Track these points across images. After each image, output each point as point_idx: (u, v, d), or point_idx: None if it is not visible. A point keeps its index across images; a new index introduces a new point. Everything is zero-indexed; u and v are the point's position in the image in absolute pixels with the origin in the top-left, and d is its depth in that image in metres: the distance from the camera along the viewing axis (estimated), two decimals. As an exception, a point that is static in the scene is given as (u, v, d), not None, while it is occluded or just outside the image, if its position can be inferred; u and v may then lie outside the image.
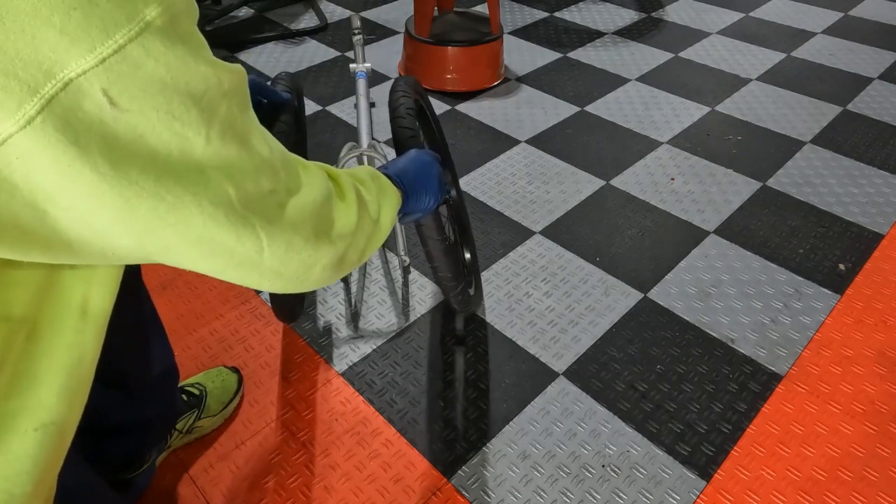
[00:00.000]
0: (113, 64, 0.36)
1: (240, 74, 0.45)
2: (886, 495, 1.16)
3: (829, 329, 1.48)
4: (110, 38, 0.36)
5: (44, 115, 0.35)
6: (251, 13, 3.08)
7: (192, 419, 1.18)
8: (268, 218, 0.49)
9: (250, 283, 0.53)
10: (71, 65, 0.35)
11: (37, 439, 0.50)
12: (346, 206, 0.63)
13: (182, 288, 1.55)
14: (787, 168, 2.03)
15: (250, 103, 0.49)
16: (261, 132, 0.49)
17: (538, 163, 2.04)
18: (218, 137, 0.43)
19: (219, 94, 0.42)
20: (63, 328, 0.50)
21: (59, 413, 0.51)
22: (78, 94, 0.35)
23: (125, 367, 0.98)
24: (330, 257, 0.58)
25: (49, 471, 0.53)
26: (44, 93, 0.35)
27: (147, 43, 0.37)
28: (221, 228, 0.45)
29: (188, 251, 0.46)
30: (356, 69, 1.47)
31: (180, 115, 0.40)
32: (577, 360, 1.40)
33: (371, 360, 1.39)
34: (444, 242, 1.12)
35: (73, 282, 0.50)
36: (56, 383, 0.50)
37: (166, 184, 0.40)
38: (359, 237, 0.63)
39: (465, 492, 1.16)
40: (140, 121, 0.38)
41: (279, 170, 0.50)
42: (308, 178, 0.56)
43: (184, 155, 0.41)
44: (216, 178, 0.43)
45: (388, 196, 0.75)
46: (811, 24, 3.02)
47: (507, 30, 2.92)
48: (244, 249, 0.48)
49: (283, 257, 0.52)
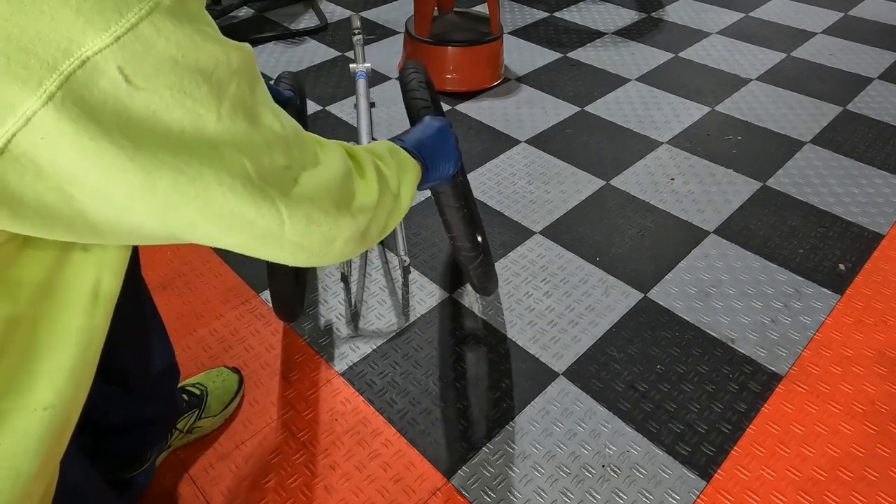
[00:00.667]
0: (127, 42, 0.37)
1: (247, 52, 0.46)
2: (886, 495, 1.16)
3: (829, 329, 1.48)
4: (123, 17, 0.37)
5: (63, 91, 0.36)
6: (251, 13, 3.08)
7: (193, 419, 1.19)
8: (285, 192, 0.49)
9: (274, 256, 0.54)
10: (88, 43, 0.36)
11: (44, 419, 0.51)
12: (367, 182, 0.63)
13: (182, 288, 1.55)
14: (787, 168, 2.03)
15: (261, 80, 0.49)
16: (273, 109, 0.50)
17: (538, 163, 2.04)
18: (228, 114, 0.43)
19: (228, 71, 0.43)
20: (76, 311, 0.51)
21: (67, 394, 0.52)
22: (94, 72, 0.37)
23: (125, 364, 0.98)
24: (352, 231, 0.58)
25: (53, 454, 0.54)
26: (62, 69, 0.36)
27: (157, 22, 0.39)
28: (241, 200, 0.46)
29: (210, 226, 0.46)
30: (356, 69, 1.47)
31: (192, 93, 0.41)
32: (577, 360, 1.40)
33: (371, 360, 1.39)
34: (462, 210, 1.10)
35: (86, 265, 0.51)
36: (67, 366, 0.52)
37: (183, 157, 0.41)
38: (380, 212, 0.64)
39: (465, 492, 1.16)
40: (153, 99, 0.39)
41: (293, 146, 0.51)
42: (326, 155, 0.56)
43: (197, 131, 0.42)
44: (230, 153, 0.44)
45: (407, 170, 0.75)
46: (811, 24, 3.02)
47: (507, 30, 2.92)
48: (264, 222, 0.48)
49: (304, 230, 0.52)
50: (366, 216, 0.61)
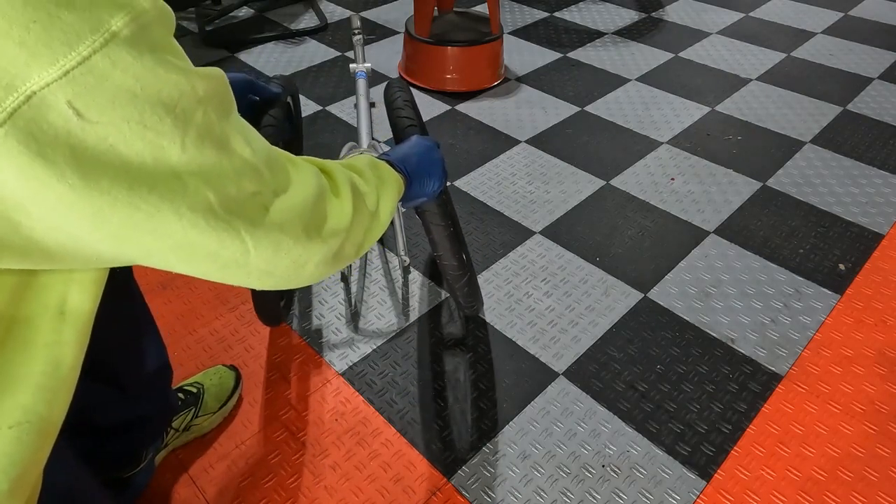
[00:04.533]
0: (77, 76, 0.36)
1: (216, 79, 0.45)
2: (886, 495, 1.16)
3: (829, 329, 1.48)
4: (73, 49, 0.36)
5: (6, 128, 0.35)
6: (251, 13, 3.08)
7: (190, 417, 1.18)
8: (252, 221, 0.48)
9: (239, 282, 0.53)
10: (33, 77, 0.35)
11: (12, 437, 0.49)
12: (341, 201, 0.62)
13: (182, 288, 1.55)
14: (787, 168, 2.03)
15: (233, 106, 0.48)
16: (243, 134, 0.48)
17: (538, 163, 2.04)
18: (194, 144, 0.42)
19: (193, 101, 0.42)
20: (40, 328, 0.50)
21: (37, 412, 0.50)
22: (42, 107, 0.35)
23: (117, 364, 0.97)
24: (323, 254, 0.57)
25: (29, 469, 0.52)
26: (5, 106, 0.35)
27: (113, 54, 0.37)
28: (202, 234, 0.45)
29: (169, 256, 0.46)
30: (356, 69, 1.47)
31: (153, 125, 0.39)
32: (577, 360, 1.40)
33: (371, 360, 1.39)
34: (448, 228, 1.11)
35: (51, 281, 0.50)
36: (32, 382, 0.50)
37: (140, 192, 0.40)
38: (355, 231, 0.63)
39: (465, 492, 1.16)
40: (111, 132, 0.38)
41: (263, 171, 0.50)
42: (298, 175, 0.55)
43: (158, 163, 0.40)
44: (194, 184, 0.43)
45: (388, 185, 0.74)
46: (811, 24, 3.02)
47: (507, 30, 2.92)
48: (228, 253, 0.48)
49: (271, 258, 0.51)
50: (338, 239, 0.59)
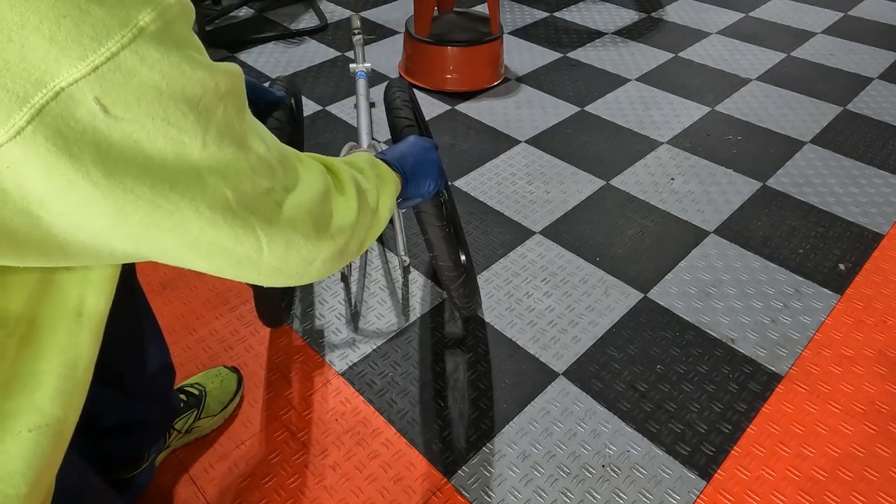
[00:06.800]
0: (106, 72, 0.36)
1: (236, 76, 0.45)
2: (886, 495, 1.16)
3: (829, 329, 1.48)
4: (102, 45, 0.35)
5: (34, 124, 0.34)
6: (251, 13, 3.08)
7: (192, 419, 1.18)
8: (267, 218, 0.49)
9: (249, 279, 0.53)
10: (62, 74, 0.34)
11: (31, 440, 0.49)
12: (346, 199, 0.62)
13: (182, 288, 1.55)
14: (787, 168, 2.03)
15: (247, 103, 0.48)
16: (257, 131, 0.49)
17: (538, 163, 2.04)
18: (214, 141, 0.42)
19: (215, 97, 0.42)
20: (58, 330, 0.50)
21: (54, 415, 0.51)
22: (70, 103, 0.35)
23: (120, 365, 0.98)
24: (330, 251, 0.58)
25: (45, 472, 0.52)
26: (34, 102, 0.34)
27: (141, 50, 0.37)
28: (219, 231, 0.45)
29: (185, 252, 0.46)
30: (356, 69, 1.47)
31: (176, 122, 0.39)
32: (577, 360, 1.40)
33: (371, 360, 1.39)
34: (444, 229, 1.11)
35: (69, 284, 0.50)
36: (51, 385, 0.50)
37: (162, 190, 0.40)
38: (359, 229, 0.63)
39: (465, 492, 1.16)
40: (135, 129, 0.38)
41: (276, 167, 0.50)
42: (306, 173, 0.56)
43: (179, 160, 0.40)
44: (213, 182, 0.43)
45: (387, 183, 0.75)
46: (811, 24, 3.02)
47: (507, 30, 2.92)
48: (242, 250, 0.48)
49: (282, 255, 0.52)
50: (344, 236, 0.60)
